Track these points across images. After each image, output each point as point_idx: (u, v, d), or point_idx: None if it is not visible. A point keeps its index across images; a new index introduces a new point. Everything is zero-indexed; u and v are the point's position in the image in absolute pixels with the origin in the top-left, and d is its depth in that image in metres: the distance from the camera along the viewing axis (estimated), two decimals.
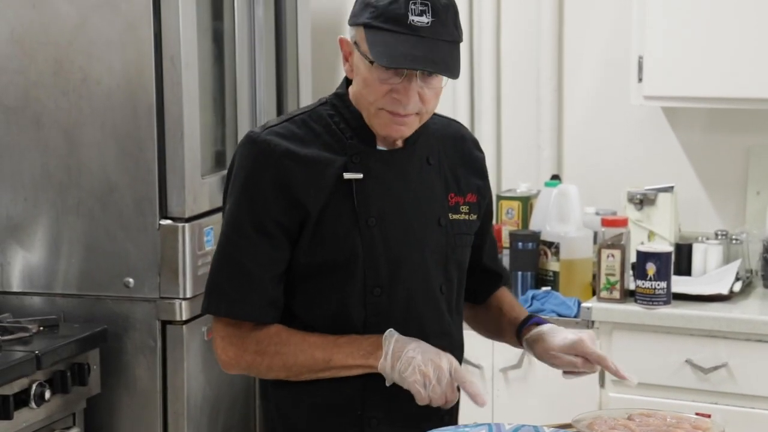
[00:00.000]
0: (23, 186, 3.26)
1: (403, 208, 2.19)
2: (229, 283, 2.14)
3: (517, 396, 3.66)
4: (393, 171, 2.19)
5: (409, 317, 2.19)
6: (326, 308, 2.16)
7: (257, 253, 2.12)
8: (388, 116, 2.11)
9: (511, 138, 4.23)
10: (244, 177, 2.14)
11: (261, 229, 2.12)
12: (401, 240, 2.18)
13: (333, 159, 2.15)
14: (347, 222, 2.14)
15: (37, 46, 3.21)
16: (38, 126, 3.23)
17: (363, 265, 2.14)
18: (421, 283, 2.20)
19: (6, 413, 2.80)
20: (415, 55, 2.04)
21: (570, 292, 3.65)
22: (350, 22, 2.14)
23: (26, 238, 3.27)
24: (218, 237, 2.19)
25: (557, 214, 3.74)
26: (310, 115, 2.21)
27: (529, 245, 3.71)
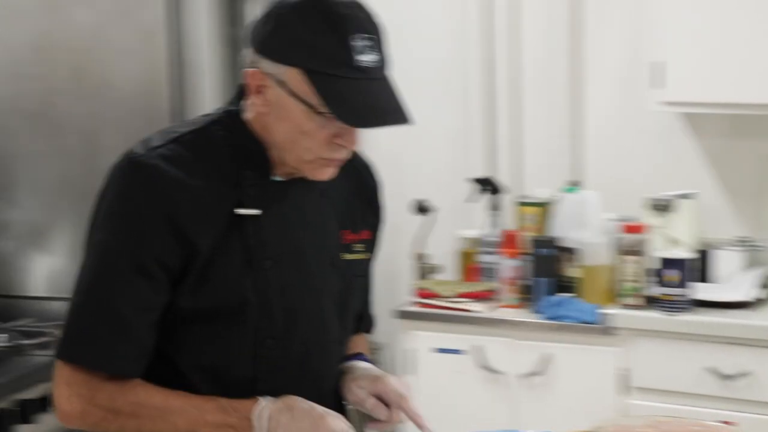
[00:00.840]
0: (44, 192, 3.27)
1: (301, 248, 1.94)
2: (98, 329, 1.82)
3: (538, 402, 3.65)
4: (290, 205, 1.94)
5: (305, 373, 1.95)
6: (209, 359, 1.89)
7: (133, 296, 1.82)
8: (325, 162, 1.88)
9: (530, 144, 4.22)
10: (124, 206, 1.84)
11: (140, 268, 1.82)
12: (299, 285, 1.93)
13: (225, 190, 1.88)
14: (238, 263, 1.87)
15: (56, 53, 3.23)
16: (58, 132, 3.25)
17: (255, 313, 1.88)
18: (318, 334, 1.97)
19: (29, 417, 2.80)
20: (379, 107, 1.81)
21: (590, 298, 3.64)
22: (273, 58, 1.83)
23: (47, 244, 3.28)
24: (81, 270, 1.86)
25: (577, 220, 3.72)
26: (199, 135, 1.91)
27: (549, 251, 3.70)
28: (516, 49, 4.19)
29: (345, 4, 1.82)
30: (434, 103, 4.25)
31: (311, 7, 1.81)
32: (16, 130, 3.27)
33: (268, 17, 1.85)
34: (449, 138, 4.29)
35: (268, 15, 1.85)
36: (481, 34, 4.19)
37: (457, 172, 4.24)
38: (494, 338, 3.69)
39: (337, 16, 1.80)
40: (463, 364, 3.72)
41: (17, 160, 3.28)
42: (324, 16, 1.80)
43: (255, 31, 1.87)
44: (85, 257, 1.87)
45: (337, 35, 1.79)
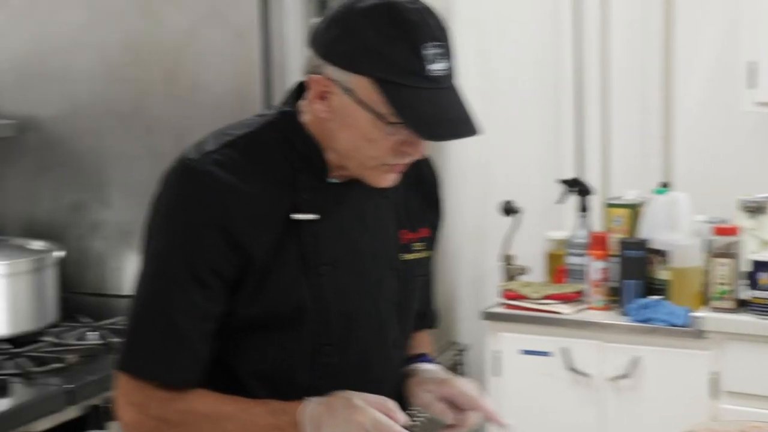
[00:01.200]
0: (135, 192, 3.31)
1: (359, 252, 1.89)
2: (154, 339, 1.80)
3: (626, 406, 3.61)
4: (347, 208, 1.89)
5: (365, 379, 1.89)
6: (267, 366, 1.86)
7: (188, 305, 1.79)
8: (389, 168, 1.83)
9: (619, 145, 4.18)
10: (178, 214, 1.80)
11: (195, 277, 1.78)
12: (356, 290, 1.89)
13: (280, 195, 1.83)
14: (294, 270, 1.83)
15: (148, 54, 3.26)
16: (149, 132, 3.29)
17: (312, 319, 1.84)
18: (376, 338, 1.92)
19: None
20: (449, 118, 1.76)
21: (680, 300, 3.59)
22: (340, 65, 1.77)
23: (138, 244, 3.32)
24: (139, 279, 1.84)
25: (666, 221, 3.68)
26: (253, 138, 1.86)
27: (638, 253, 3.66)
28: (604, 50, 4.16)
29: (416, 11, 1.77)
30: (523, 104, 4.24)
31: (382, 14, 1.76)
32: (109, 131, 3.32)
33: (334, 22, 1.79)
34: (538, 139, 4.27)
35: (333, 19, 1.79)
36: (571, 35, 4.16)
37: (546, 174, 4.22)
38: (582, 340, 3.66)
39: (409, 23, 1.75)
40: (550, 366, 3.70)
41: (110, 161, 3.32)
42: (395, 24, 1.75)
43: (319, 36, 1.81)
44: (141, 265, 1.84)
45: (408, 44, 1.74)
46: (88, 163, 3.34)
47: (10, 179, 3.41)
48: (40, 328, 3.09)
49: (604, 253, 3.72)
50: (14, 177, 3.41)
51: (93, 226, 3.36)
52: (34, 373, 2.77)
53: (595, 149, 4.17)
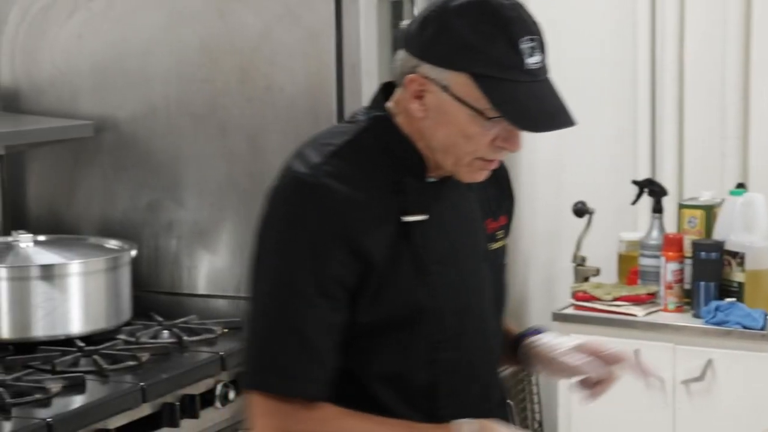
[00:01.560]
0: (209, 192, 3.35)
1: (460, 247, 1.93)
2: (285, 355, 1.80)
3: (700, 410, 3.57)
4: (446, 205, 1.92)
5: (475, 372, 1.95)
6: (388, 368, 1.88)
7: (317, 318, 1.80)
8: (483, 164, 1.87)
9: (694, 145, 4.14)
10: (298, 229, 1.81)
11: (322, 289, 1.80)
12: (463, 286, 1.92)
13: (387, 199, 1.86)
14: (409, 271, 1.86)
15: (223, 55, 3.30)
16: (224, 133, 3.32)
17: (428, 318, 1.87)
18: (481, 331, 1.96)
19: (193, 412, 2.87)
20: (548, 110, 1.81)
21: (756, 303, 3.55)
22: (436, 62, 1.80)
23: (212, 243, 3.36)
24: (257, 297, 1.86)
25: (743, 223, 3.64)
26: (353, 145, 1.87)
27: (712, 255, 3.62)
28: (680, 48, 4.12)
29: (510, 6, 1.80)
30: (597, 103, 4.20)
31: (477, 11, 1.79)
32: (184, 131, 3.36)
33: (428, 21, 1.82)
34: (612, 139, 4.24)
35: (427, 19, 1.82)
36: (648, 34, 4.12)
37: (620, 174, 4.18)
38: (654, 343, 3.63)
39: (505, 19, 1.78)
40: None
41: (185, 161, 3.36)
42: (491, 20, 1.78)
43: (412, 35, 1.84)
44: (258, 283, 1.85)
45: (506, 39, 1.78)
46: (163, 163, 3.39)
47: (87, 179, 3.46)
48: (114, 327, 3.14)
49: (678, 254, 3.68)
50: (91, 177, 3.46)
51: (167, 225, 3.40)
52: (108, 370, 2.81)
53: (669, 149, 4.13)
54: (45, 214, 3.50)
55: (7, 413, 2.53)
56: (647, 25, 4.12)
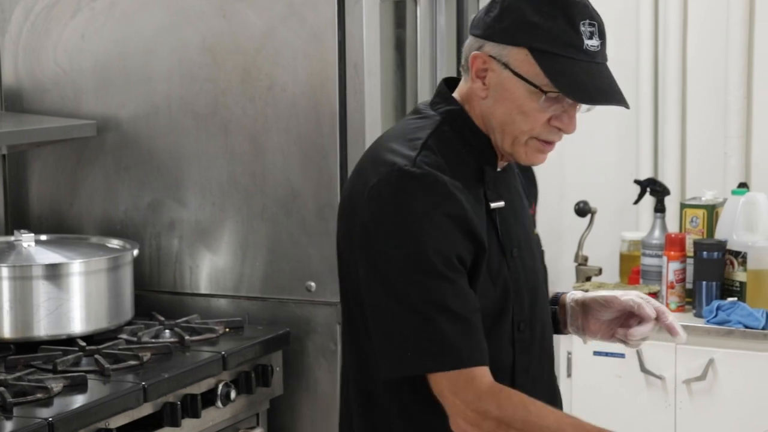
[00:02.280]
0: (211, 192, 3.35)
1: (527, 232, 2.05)
2: (446, 331, 1.84)
3: (700, 409, 3.58)
4: (512, 193, 2.03)
5: (543, 352, 2.04)
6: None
7: (459, 291, 1.86)
8: (540, 145, 1.93)
9: (696, 145, 4.14)
10: (416, 214, 1.86)
11: (452, 266, 1.86)
12: (533, 268, 2.02)
13: (475, 187, 1.94)
14: (497, 257, 1.94)
15: (226, 54, 3.30)
16: (226, 133, 3.32)
17: (512, 301, 1.96)
18: (545, 310, 2.07)
19: (194, 412, 2.88)
20: (603, 88, 1.89)
21: (757, 303, 3.55)
22: (498, 40, 1.89)
23: (213, 242, 3.36)
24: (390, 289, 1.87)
25: (745, 223, 3.64)
26: (438, 138, 1.95)
27: (714, 254, 3.62)
28: (683, 48, 4.12)
29: None
30: None
31: None
32: (187, 130, 3.36)
33: (494, 4, 1.92)
34: (614, 139, 4.24)
35: (493, 2, 1.92)
36: (651, 33, 4.12)
37: (622, 174, 4.19)
38: (656, 342, 3.60)
39: (567, 2, 1.88)
40: (624, 368, 3.68)
41: (187, 160, 3.36)
42: (554, 2, 1.87)
43: (479, 20, 1.94)
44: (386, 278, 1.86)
45: (567, 18, 1.86)
46: (166, 162, 3.39)
47: (90, 179, 3.47)
48: (116, 326, 3.14)
49: (680, 254, 3.68)
50: (93, 176, 3.46)
51: (169, 224, 3.40)
52: (110, 370, 2.82)
53: (672, 149, 4.13)
54: (47, 214, 3.51)
55: (9, 413, 2.53)
56: (650, 25, 4.13)
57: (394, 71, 3.44)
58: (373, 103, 3.21)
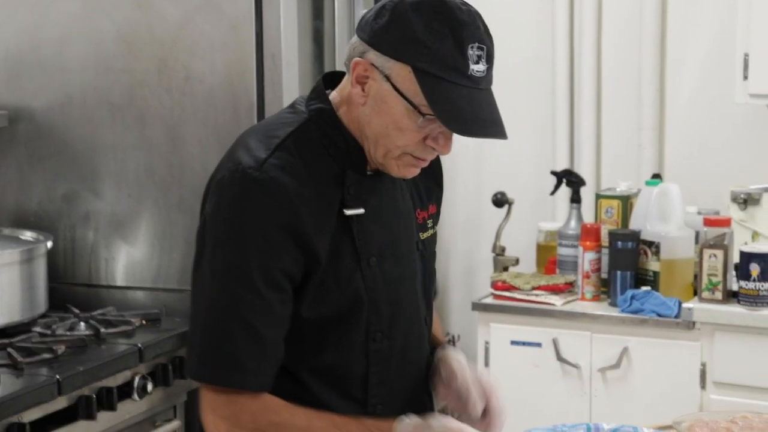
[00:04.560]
0: (127, 183, 3.32)
1: (397, 240, 1.96)
2: (238, 346, 1.81)
3: (615, 397, 3.63)
4: (383, 198, 1.95)
5: (405, 361, 1.98)
6: (325, 361, 1.91)
7: (267, 311, 1.81)
8: (413, 160, 1.88)
9: (611, 137, 4.19)
10: (248, 221, 1.81)
11: (272, 282, 1.81)
12: (398, 277, 1.95)
13: (331, 192, 1.88)
14: (349, 265, 1.88)
15: (142, 45, 3.27)
16: (142, 124, 3.29)
17: (367, 310, 1.90)
18: (414, 320, 2.00)
19: (110, 405, 2.85)
20: (482, 118, 1.81)
21: (670, 292, 3.61)
22: (384, 51, 1.82)
23: (130, 234, 3.33)
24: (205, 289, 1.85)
25: (658, 213, 3.69)
26: (298, 137, 1.88)
27: (628, 244, 3.67)
28: (597, 42, 4.17)
29: (466, 12, 1.82)
30: (516, 96, 4.24)
31: (432, 9, 1.80)
32: (102, 121, 3.32)
33: (384, 10, 1.84)
34: (531, 131, 4.28)
35: (383, 8, 1.84)
36: (566, 28, 4.17)
37: (539, 165, 4.23)
38: (572, 331, 3.68)
39: (458, 22, 1.80)
40: (540, 357, 3.71)
41: (102, 151, 3.33)
42: (445, 20, 1.79)
43: (366, 23, 1.85)
44: (205, 275, 1.84)
45: (455, 41, 1.79)
46: (81, 153, 3.35)
47: (2, 169, 3.42)
48: (29, 319, 3.10)
49: (596, 244, 3.73)
50: (6, 167, 3.41)
51: (84, 216, 3.37)
52: (23, 363, 2.78)
53: (587, 141, 4.18)
54: None
55: None
56: (565, 18, 4.17)
57: (312, 62, 3.44)
58: (290, 94, 3.20)
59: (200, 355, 1.84)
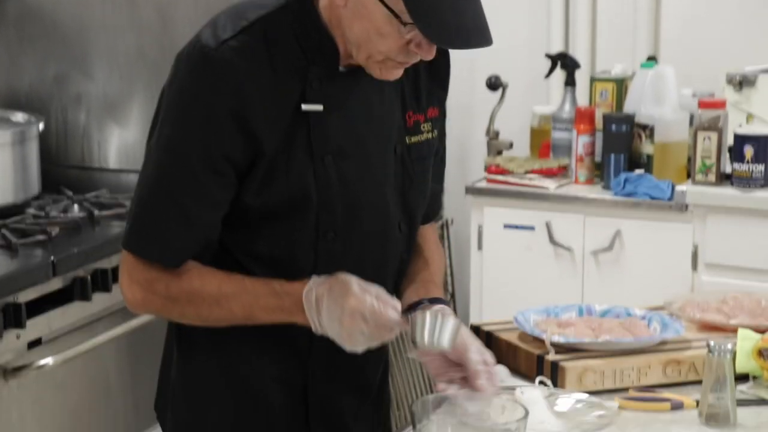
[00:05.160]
0: (118, 64, 3.29)
1: (363, 141, 1.88)
2: (165, 223, 1.82)
3: (608, 278, 3.65)
4: (355, 97, 1.87)
5: (365, 262, 1.90)
6: (270, 252, 1.87)
7: (201, 192, 1.80)
8: (395, 65, 1.80)
9: (606, 18, 4.15)
10: (193, 101, 1.78)
11: (209, 164, 1.79)
12: (359, 179, 1.88)
13: (292, 84, 1.81)
14: (302, 160, 1.83)
15: None
16: (133, 3, 3.25)
17: (316, 208, 1.85)
18: (379, 224, 1.92)
19: (105, 286, 2.87)
20: (467, 26, 1.71)
21: (664, 175, 3.61)
22: None
23: (122, 116, 3.32)
24: (148, 161, 1.84)
25: (653, 95, 3.67)
26: (268, 23, 1.81)
27: (623, 127, 3.66)
28: None
29: None
30: None
31: None
32: (93, 1, 3.28)
33: None
34: (525, 13, 4.23)
35: None
36: None
37: (533, 48, 4.19)
38: (565, 214, 3.69)
39: None
40: (533, 240, 3.73)
41: (93, 32, 3.29)
42: None
43: None
44: (151, 149, 1.83)
45: None
46: (71, 34, 3.31)
47: None
48: (22, 200, 3.10)
49: (590, 127, 3.72)
50: None
51: (76, 98, 3.34)
52: (18, 244, 2.78)
53: (582, 23, 4.13)
54: None
55: None
56: None
57: None
58: None
59: (131, 225, 1.85)
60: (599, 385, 2.01)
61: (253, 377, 1.91)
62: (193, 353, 1.94)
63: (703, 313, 2.26)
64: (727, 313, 2.27)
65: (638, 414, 1.93)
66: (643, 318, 2.19)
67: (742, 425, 1.90)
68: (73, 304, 2.80)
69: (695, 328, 2.23)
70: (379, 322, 1.76)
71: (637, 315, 2.20)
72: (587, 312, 2.23)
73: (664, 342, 2.11)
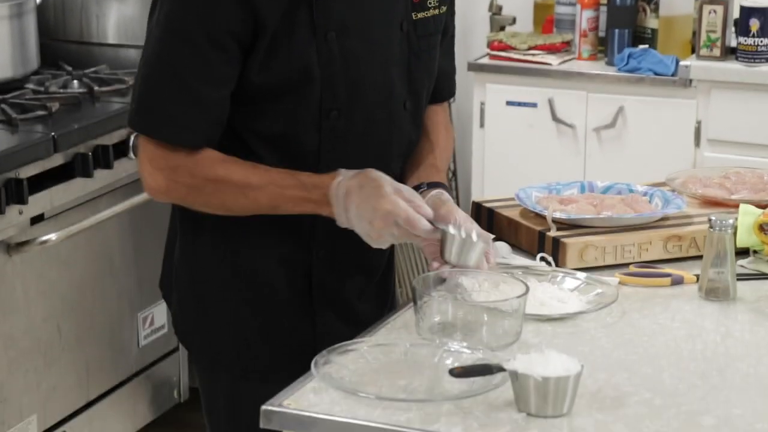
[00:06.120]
0: None
1: (368, 18, 1.86)
2: (171, 102, 1.79)
3: (610, 155, 3.65)
4: None
5: (369, 141, 1.90)
6: (274, 130, 1.86)
7: (207, 68, 1.78)
8: None
9: None
10: None
11: (213, 40, 1.77)
12: (363, 57, 1.86)
13: None
14: (304, 36, 1.80)
15: None
16: None
17: (319, 85, 1.83)
18: (383, 102, 1.90)
19: (107, 162, 2.86)
20: None
21: (668, 50, 3.58)
22: None
23: None
24: (149, 39, 1.81)
25: None
26: None
27: (627, 1, 3.62)
28: None
29: None
30: None
31: None
32: None
33: None
34: None
35: None
36: None
37: None
38: (568, 91, 3.66)
39: None
40: (536, 117, 3.71)
41: None
42: None
43: None
44: (152, 27, 1.81)
45: None
46: None
47: None
48: (21, 75, 3.07)
49: (594, 1, 3.67)
50: None
51: None
52: (18, 120, 2.77)
53: None
54: None
55: None
56: None
57: None
58: None
59: (137, 105, 1.82)
60: (600, 261, 2.01)
61: (257, 260, 1.91)
62: (196, 236, 1.93)
63: (704, 188, 2.26)
64: (729, 188, 2.26)
65: (638, 289, 1.94)
66: (645, 194, 2.18)
67: (741, 299, 1.90)
68: (74, 181, 2.80)
69: (697, 203, 2.22)
70: (411, 230, 1.75)
71: (639, 191, 2.20)
72: (589, 188, 2.23)
73: (666, 217, 2.11)
